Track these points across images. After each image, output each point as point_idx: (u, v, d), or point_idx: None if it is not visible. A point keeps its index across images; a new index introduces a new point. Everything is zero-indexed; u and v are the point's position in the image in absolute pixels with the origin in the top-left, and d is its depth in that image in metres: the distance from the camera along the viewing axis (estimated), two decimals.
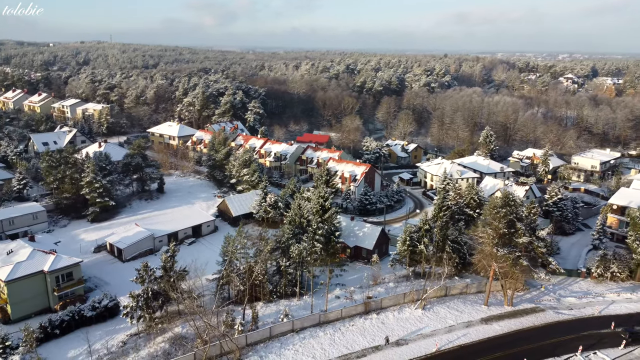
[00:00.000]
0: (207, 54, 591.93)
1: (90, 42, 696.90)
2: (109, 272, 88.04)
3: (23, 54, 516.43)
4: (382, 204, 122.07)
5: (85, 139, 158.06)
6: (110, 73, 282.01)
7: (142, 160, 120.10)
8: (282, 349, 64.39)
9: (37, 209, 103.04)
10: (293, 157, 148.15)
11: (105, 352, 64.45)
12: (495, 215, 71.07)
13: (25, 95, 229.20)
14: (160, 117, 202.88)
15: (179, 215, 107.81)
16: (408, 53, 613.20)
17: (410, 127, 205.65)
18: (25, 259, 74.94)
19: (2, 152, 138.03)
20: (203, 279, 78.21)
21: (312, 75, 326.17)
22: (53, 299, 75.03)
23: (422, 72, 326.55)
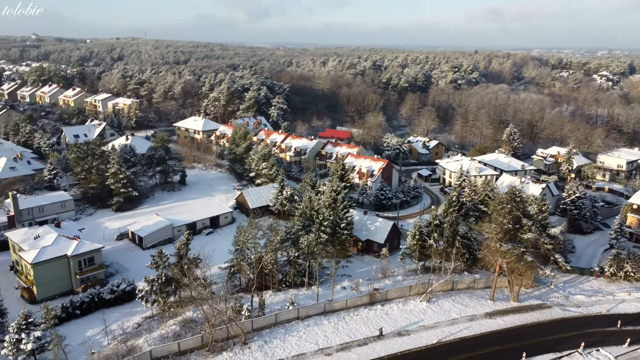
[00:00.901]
0: (238, 50, 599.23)
1: (125, 38, 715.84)
2: (130, 259, 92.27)
3: (61, 50, 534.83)
4: (397, 200, 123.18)
5: (114, 132, 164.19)
6: (140, 69, 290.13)
7: (165, 153, 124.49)
8: (287, 335, 66.85)
9: (65, 197, 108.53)
10: (313, 152, 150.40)
11: (120, 333, 68.25)
12: (501, 211, 71.61)
13: (60, 89, 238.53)
14: (187, 112, 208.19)
15: (198, 207, 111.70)
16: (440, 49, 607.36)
17: (433, 124, 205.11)
18: (50, 243, 79.71)
19: (36, 143, 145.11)
20: (216, 267, 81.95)
21: (339, 72, 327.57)
22: (75, 282, 79.53)
23: (449, 68, 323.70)
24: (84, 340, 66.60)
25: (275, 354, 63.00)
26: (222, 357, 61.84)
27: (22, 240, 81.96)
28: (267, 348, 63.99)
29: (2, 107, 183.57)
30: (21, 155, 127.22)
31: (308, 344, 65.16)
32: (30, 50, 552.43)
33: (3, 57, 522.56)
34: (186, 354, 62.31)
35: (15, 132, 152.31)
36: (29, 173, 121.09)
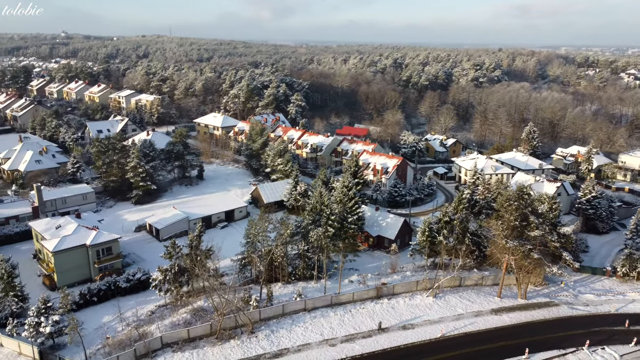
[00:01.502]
0: (261, 48, 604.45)
1: (150, 36, 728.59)
2: (146, 250, 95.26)
3: (89, 48, 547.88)
4: (411, 197, 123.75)
5: (135, 128, 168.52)
6: (163, 66, 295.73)
7: (183, 148, 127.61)
8: (293, 325, 68.60)
9: (86, 190, 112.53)
10: (329, 149, 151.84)
11: (134, 320, 70.94)
12: (508, 208, 71.91)
13: (86, 86, 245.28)
14: (207, 109, 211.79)
15: (214, 201, 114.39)
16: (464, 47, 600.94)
17: (451, 122, 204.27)
18: (70, 233, 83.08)
19: (61, 138, 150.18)
20: (228, 260, 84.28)
21: (359, 69, 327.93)
22: (94, 270, 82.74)
23: (471, 66, 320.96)
24: (99, 326, 69.47)
25: (281, 343, 64.83)
26: (230, 345, 63.94)
27: (45, 230, 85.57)
28: (273, 337, 65.87)
29: (30, 103, 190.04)
30: (46, 149, 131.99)
31: (313, 335, 66.81)
32: (59, 48, 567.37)
33: (33, 55, 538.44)
34: (195, 340, 64.63)
35: (41, 126, 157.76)
36: (54, 166, 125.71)
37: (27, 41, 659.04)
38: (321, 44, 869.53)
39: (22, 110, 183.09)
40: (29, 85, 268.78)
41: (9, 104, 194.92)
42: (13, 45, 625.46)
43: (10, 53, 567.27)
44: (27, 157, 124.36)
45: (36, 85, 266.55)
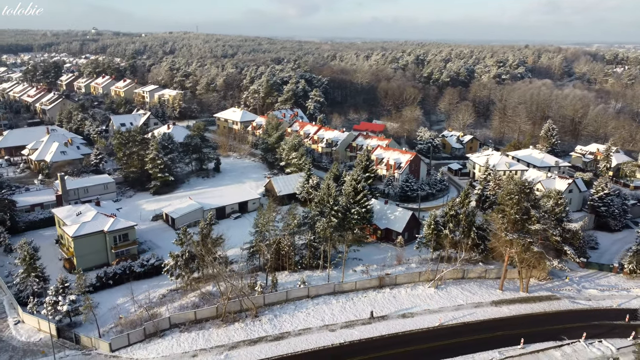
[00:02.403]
0: (285, 44, 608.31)
1: (177, 32, 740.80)
2: (162, 238, 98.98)
3: (117, 44, 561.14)
4: (423, 192, 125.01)
5: (157, 121, 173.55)
6: (187, 62, 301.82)
7: (200, 141, 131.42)
8: (296, 310, 71.35)
9: (108, 180, 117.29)
10: (344, 144, 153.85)
11: (146, 302, 74.58)
12: (508, 202, 72.97)
13: (112, 81, 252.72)
14: (228, 104, 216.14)
15: (229, 192, 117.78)
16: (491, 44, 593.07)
17: (470, 119, 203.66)
18: (90, 219, 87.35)
19: (86, 130, 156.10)
20: (237, 249, 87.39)
21: (380, 66, 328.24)
22: (111, 255, 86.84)
23: (493, 63, 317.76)
24: (113, 307, 73.34)
25: (283, 327, 67.67)
26: (234, 327, 67.08)
27: (66, 216, 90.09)
28: (276, 321, 68.75)
29: (58, 97, 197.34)
30: (72, 140, 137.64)
31: (315, 320, 69.43)
32: (89, 44, 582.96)
33: (65, 51, 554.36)
34: (201, 322, 67.99)
35: (68, 119, 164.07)
36: (78, 157, 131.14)
37: (59, 38, 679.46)
38: (346, 41, 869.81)
39: (51, 104, 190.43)
40: (58, 80, 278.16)
41: (39, 98, 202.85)
42: (46, 41, 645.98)
43: (43, 49, 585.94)
44: (53, 148, 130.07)
45: (65, 80, 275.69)
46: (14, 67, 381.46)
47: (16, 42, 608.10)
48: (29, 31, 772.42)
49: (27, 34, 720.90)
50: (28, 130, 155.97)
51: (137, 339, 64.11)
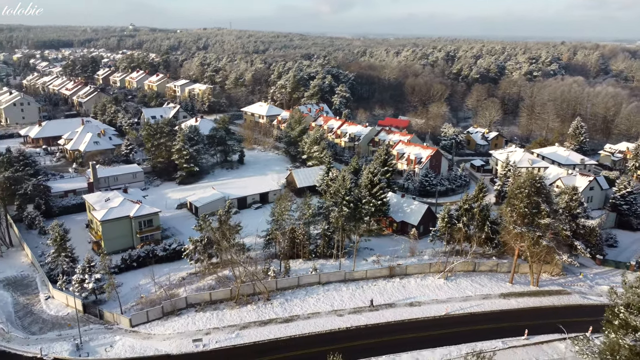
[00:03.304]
0: (316, 41, 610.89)
1: (211, 28, 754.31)
2: (185, 225, 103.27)
3: (153, 40, 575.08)
4: (442, 187, 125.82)
5: (186, 115, 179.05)
6: (218, 57, 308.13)
7: (225, 134, 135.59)
8: (307, 296, 74.15)
9: (136, 169, 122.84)
10: (366, 139, 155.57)
11: (167, 284, 78.75)
12: (518, 195, 73.67)
13: (146, 75, 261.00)
14: (255, 98, 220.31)
15: (251, 183, 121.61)
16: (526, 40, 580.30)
17: (496, 116, 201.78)
18: (117, 205, 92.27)
19: (119, 122, 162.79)
20: (255, 237, 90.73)
21: (409, 62, 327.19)
22: (136, 239, 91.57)
23: (525, 59, 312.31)
24: (135, 287, 77.78)
25: (293, 311, 70.60)
26: (247, 309, 70.40)
27: (95, 202, 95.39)
28: (287, 305, 71.74)
29: (94, 90, 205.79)
30: (104, 131, 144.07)
31: (324, 305, 72.09)
32: (126, 40, 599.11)
33: (103, 46, 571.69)
34: (216, 303, 71.59)
35: (102, 112, 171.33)
36: (110, 147, 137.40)
37: (98, 33, 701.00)
38: (379, 37, 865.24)
39: (87, 96, 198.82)
40: (95, 74, 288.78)
41: (76, 91, 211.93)
42: (86, 37, 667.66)
43: (83, 44, 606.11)
44: (86, 138, 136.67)
45: (102, 74, 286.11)
46: (55, 61, 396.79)
47: (58, 38, 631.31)
48: (70, 27, 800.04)
49: (68, 30, 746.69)
50: (65, 121, 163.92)
51: (155, 316, 68.18)
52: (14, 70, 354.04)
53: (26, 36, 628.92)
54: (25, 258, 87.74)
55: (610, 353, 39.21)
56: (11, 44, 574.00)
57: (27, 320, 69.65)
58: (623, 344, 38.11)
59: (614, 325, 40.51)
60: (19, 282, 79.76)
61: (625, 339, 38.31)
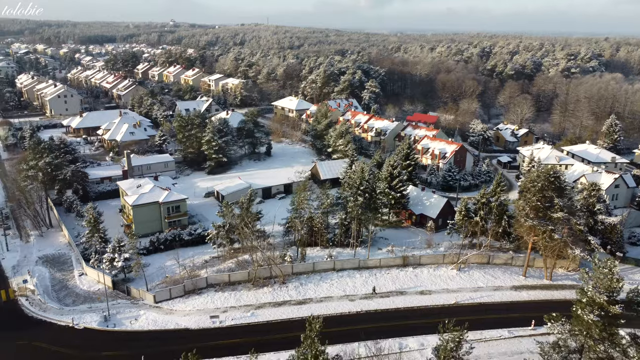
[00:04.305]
0: (351, 36, 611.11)
1: (249, 24, 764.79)
2: (211, 212, 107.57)
3: (192, 35, 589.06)
4: (465, 182, 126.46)
5: (218, 108, 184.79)
6: (252, 52, 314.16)
7: (253, 127, 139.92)
8: (321, 281, 77.24)
9: (168, 159, 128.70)
10: (392, 134, 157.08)
11: (190, 265, 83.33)
12: (531, 189, 74.40)
13: (182, 70, 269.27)
14: (286, 92, 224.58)
15: (276, 175, 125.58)
16: (570, 36, 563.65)
17: (528, 113, 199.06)
18: (147, 191, 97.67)
19: (154, 114, 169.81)
20: (277, 225, 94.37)
21: (443, 58, 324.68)
22: (164, 224, 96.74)
23: (563, 56, 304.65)
24: (161, 267, 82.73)
25: (306, 294, 73.89)
26: (263, 291, 74.13)
27: (128, 188, 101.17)
28: (301, 289, 75.07)
29: (132, 84, 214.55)
30: (140, 123, 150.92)
31: (337, 290, 75.06)
32: (166, 35, 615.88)
33: (144, 42, 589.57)
34: (234, 284, 75.65)
35: (139, 104, 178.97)
36: (144, 138, 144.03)
37: (140, 29, 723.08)
38: (417, 33, 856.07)
39: (125, 89, 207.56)
40: (135, 68, 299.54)
41: (116, 84, 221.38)
42: (128, 33, 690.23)
43: (125, 40, 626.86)
44: (123, 129, 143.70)
45: (141, 68, 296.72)
46: (98, 56, 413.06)
47: (102, 34, 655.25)
48: (114, 23, 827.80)
49: (112, 26, 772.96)
50: (104, 112, 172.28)
51: (177, 294, 72.78)
52: (60, 64, 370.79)
53: (72, 32, 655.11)
54: (63, 238, 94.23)
55: (577, 329, 40.69)
56: (58, 39, 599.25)
57: (62, 293, 75.49)
58: (587, 319, 39.47)
59: (582, 303, 41.88)
60: (56, 259, 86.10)
61: (589, 315, 39.65)
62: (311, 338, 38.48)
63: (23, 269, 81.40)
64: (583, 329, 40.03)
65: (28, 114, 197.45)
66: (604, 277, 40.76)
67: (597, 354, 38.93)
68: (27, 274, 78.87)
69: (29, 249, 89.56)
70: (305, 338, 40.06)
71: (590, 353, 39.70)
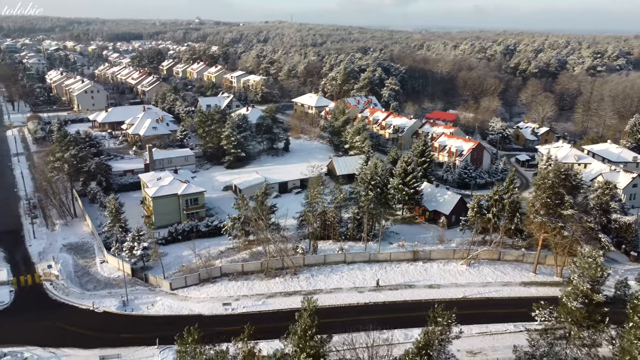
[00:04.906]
0: (375, 34, 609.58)
1: (272, 22, 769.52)
2: (229, 205, 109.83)
3: (217, 33, 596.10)
4: (481, 179, 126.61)
5: (239, 104, 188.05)
6: (273, 49, 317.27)
7: (272, 123, 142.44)
8: (332, 273, 79.18)
9: (189, 153, 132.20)
10: (410, 131, 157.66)
11: (206, 256, 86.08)
12: (542, 186, 74.75)
13: (206, 67, 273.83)
14: (307, 89, 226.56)
15: (293, 170, 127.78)
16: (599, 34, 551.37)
17: (550, 111, 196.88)
18: (167, 184, 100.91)
19: (176, 110, 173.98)
20: (291, 219, 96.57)
21: (466, 55, 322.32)
22: (183, 215, 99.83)
23: (589, 54, 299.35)
24: (178, 257, 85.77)
25: (317, 285, 75.94)
26: (274, 281, 76.45)
27: (149, 180, 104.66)
28: (312, 280, 77.16)
29: (156, 80, 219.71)
30: (162, 118, 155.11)
31: (347, 282, 76.88)
32: (192, 33, 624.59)
33: (170, 39, 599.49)
34: (247, 274, 78.19)
35: (162, 100, 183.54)
36: (166, 132, 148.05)
37: (166, 27, 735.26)
38: (442, 30, 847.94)
39: (150, 86, 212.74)
40: (160, 65, 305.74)
41: (140, 81, 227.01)
42: (154, 30, 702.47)
43: (152, 37, 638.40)
44: (146, 124, 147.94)
45: (166, 65, 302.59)
46: (125, 53, 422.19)
47: (129, 31, 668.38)
48: (141, 21, 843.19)
49: (139, 24, 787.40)
50: (128, 108, 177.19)
51: (192, 282, 75.63)
52: (88, 61, 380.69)
53: (101, 29, 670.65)
54: (86, 227, 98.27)
55: (564, 316, 41.74)
56: (87, 36, 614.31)
57: (84, 279, 79.18)
58: (571, 306, 40.45)
59: (567, 291, 42.91)
60: (79, 247, 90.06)
61: (574, 302, 40.62)
62: (306, 313, 40.41)
63: (48, 255, 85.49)
64: (568, 315, 40.99)
65: (57, 109, 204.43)
66: (588, 266, 41.63)
67: (582, 339, 39.91)
68: (52, 260, 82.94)
69: (54, 237, 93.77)
70: (299, 316, 42.15)
71: (575, 340, 40.68)
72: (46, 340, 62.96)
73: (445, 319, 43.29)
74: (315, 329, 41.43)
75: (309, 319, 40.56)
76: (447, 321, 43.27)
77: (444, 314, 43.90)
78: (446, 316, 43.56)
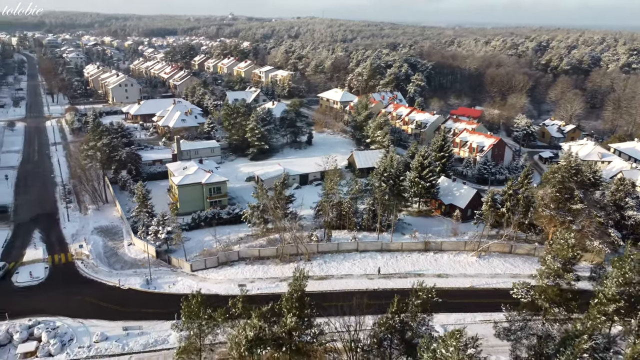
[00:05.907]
0: (406, 30, 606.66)
1: (304, 17, 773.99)
2: (250, 195, 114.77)
3: (249, 28, 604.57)
4: (501, 175, 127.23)
5: (265, 98, 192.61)
6: (302, 45, 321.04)
7: (295, 117, 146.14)
8: (344, 260, 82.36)
9: (214, 145, 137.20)
10: (432, 126, 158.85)
11: (226, 241, 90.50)
12: (552, 180, 75.84)
13: (236, 62, 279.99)
14: (333, 85, 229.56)
15: (314, 163, 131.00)
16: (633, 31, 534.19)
17: (578, 109, 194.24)
18: (192, 173, 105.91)
19: (205, 103, 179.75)
20: (309, 209, 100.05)
21: (497, 52, 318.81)
22: (206, 203, 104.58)
23: (625, 51, 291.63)
24: (200, 241, 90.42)
25: (329, 271, 79.27)
26: (288, 266, 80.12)
27: (175, 169, 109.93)
28: (324, 266, 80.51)
29: (187, 75, 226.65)
30: (191, 111, 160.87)
31: (358, 269, 79.92)
32: (224, 28, 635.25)
33: (203, 34, 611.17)
34: (263, 259, 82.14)
35: (192, 93, 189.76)
36: (194, 125, 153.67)
37: (200, 22, 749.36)
38: (476, 26, 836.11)
39: (181, 80, 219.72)
40: (192, 60, 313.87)
41: (172, 75, 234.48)
42: (188, 26, 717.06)
43: (186, 32, 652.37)
44: (175, 116, 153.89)
45: (198, 60, 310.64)
46: (160, 48, 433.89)
47: (164, 27, 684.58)
48: (176, 17, 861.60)
49: (174, 19, 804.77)
50: (159, 101, 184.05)
51: (211, 264, 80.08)
52: (124, 56, 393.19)
53: (137, 25, 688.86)
54: (116, 212, 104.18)
55: (538, 293, 43.90)
56: (124, 32, 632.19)
57: (112, 259, 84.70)
58: (542, 284, 42.57)
59: (541, 270, 45.02)
60: (109, 230, 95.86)
61: (545, 280, 42.72)
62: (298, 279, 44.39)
63: (80, 237, 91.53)
64: (542, 293, 43.08)
65: (93, 101, 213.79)
66: (561, 247, 43.68)
67: (555, 315, 42.05)
68: (83, 241, 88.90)
69: (86, 220, 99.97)
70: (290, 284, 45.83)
71: (548, 315, 42.79)
72: (76, 312, 68.41)
73: (425, 293, 46.08)
74: (301, 293, 45.14)
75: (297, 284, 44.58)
76: (426, 295, 46.05)
77: (424, 289, 46.68)
78: (426, 290, 46.34)
